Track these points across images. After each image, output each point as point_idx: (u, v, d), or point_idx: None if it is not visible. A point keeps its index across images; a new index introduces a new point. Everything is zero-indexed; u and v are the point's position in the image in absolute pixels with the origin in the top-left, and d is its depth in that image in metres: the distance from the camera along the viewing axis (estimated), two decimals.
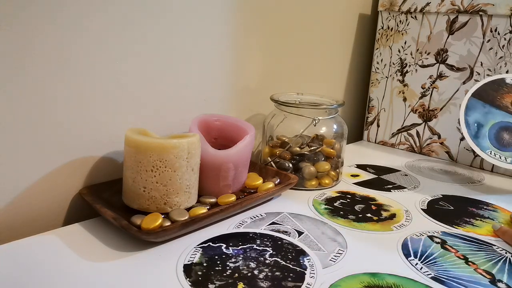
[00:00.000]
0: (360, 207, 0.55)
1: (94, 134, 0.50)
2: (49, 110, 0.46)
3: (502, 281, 0.40)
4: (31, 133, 0.45)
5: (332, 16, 0.81)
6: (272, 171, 0.59)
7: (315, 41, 0.79)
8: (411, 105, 0.84)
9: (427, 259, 0.43)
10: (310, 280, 0.38)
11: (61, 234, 0.44)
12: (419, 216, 0.53)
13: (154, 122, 0.56)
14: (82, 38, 0.46)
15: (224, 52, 0.63)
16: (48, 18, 0.43)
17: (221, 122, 0.57)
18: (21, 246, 0.41)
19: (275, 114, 0.64)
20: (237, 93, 0.67)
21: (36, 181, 0.46)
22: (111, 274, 0.38)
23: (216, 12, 0.60)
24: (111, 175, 0.53)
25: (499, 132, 0.55)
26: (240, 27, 0.64)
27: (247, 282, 0.37)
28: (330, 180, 0.62)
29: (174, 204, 0.46)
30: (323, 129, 0.63)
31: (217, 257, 0.41)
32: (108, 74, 0.50)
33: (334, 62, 0.86)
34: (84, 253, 0.40)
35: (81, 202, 0.50)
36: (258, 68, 0.70)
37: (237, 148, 0.51)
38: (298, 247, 0.44)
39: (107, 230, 0.45)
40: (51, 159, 0.47)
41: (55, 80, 0.45)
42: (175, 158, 0.45)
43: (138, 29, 0.51)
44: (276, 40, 0.71)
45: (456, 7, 0.74)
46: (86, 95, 0.48)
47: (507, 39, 0.70)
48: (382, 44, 0.86)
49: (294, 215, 0.51)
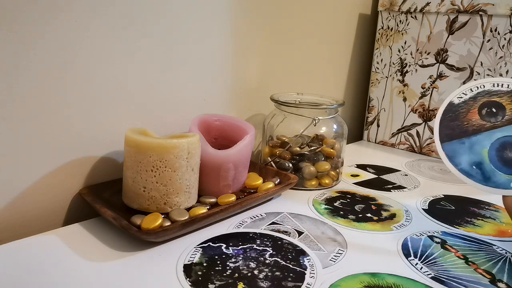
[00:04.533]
0: (360, 207, 0.55)
1: (94, 134, 0.50)
2: (49, 110, 0.46)
3: (502, 281, 0.40)
4: (31, 133, 0.45)
5: (332, 16, 0.81)
6: (272, 171, 0.59)
7: (315, 41, 0.79)
8: (411, 105, 0.84)
9: (427, 259, 0.43)
10: (310, 280, 0.38)
11: (61, 234, 0.44)
12: (419, 216, 0.53)
13: (154, 122, 0.56)
14: (82, 38, 0.46)
15: (224, 52, 0.63)
16: (48, 18, 0.43)
17: (221, 122, 0.57)
18: (21, 246, 0.41)
19: (275, 114, 0.64)
20: (237, 93, 0.67)
21: (36, 181, 0.46)
22: (111, 274, 0.38)
23: (216, 12, 0.60)
24: (111, 175, 0.53)
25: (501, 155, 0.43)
26: (240, 27, 0.64)
27: (247, 282, 0.37)
28: (330, 180, 0.62)
29: (174, 204, 0.46)
30: (323, 129, 0.63)
31: (217, 257, 0.41)
32: (108, 74, 0.50)
33: (334, 62, 0.86)
34: (84, 253, 0.40)
35: (81, 202, 0.50)
36: (258, 68, 0.70)
37: (237, 148, 0.51)
38: (298, 247, 0.44)
39: (107, 230, 0.45)
40: (51, 159, 0.47)
41: (55, 80, 0.45)
42: (175, 158, 0.45)
43: (138, 29, 0.51)
44: (276, 40, 0.71)
45: (456, 7, 0.74)
46: (86, 95, 0.48)
47: (507, 39, 0.70)
48: (382, 44, 0.86)
49: (294, 215, 0.51)
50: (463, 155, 0.44)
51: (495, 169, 0.43)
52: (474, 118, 0.45)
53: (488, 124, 0.44)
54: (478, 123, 0.45)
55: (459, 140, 0.45)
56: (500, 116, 0.44)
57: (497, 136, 0.43)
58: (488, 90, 0.45)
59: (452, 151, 0.45)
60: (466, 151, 0.44)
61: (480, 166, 0.43)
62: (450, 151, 0.45)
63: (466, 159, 0.44)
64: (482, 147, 0.44)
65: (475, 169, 0.43)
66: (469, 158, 0.44)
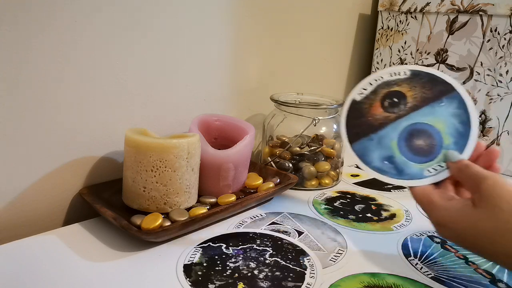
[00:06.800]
0: (360, 207, 0.55)
1: (94, 134, 0.50)
2: (49, 110, 0.46)
3: (502, 281, 0.40)
4: (31, 133, 0.45)
5: (332, 16, 0.81)
6: (272, 171, 0.59)
7: (315, 41, 0.79)
8: None
9: (427, 259, 0.43)
10: (310, 280, 0.38)
11: (61, 234, 0.44)
12: (419, 216, 0.53)
13: (154, 122, 0.56)
14: (82, 38, 0.46)
15: (224, 52, 0.63)
16: (48, 19, 0.43)
17: (221, 122, 0.57)
18: (21, 246, 0.41)
19: (275, 114, 0.64)
20: (237, 93, 0.67)
21: (36, 181, 0.46)
22: (111, 274, 0.38)
23: (217, 12, 0.60)
24: (111, 175, 0.53)
25: (410, 145, 0.42)
26: (240, 27, 0.64)
27: (247, 282, 0.37)
28: (330, 180, 0.62)
29: (174, 204, 0.46)
30: (323, 129, 0.63)
31: (217, 257, 0.41)
32: (108, 74, 0.50)
33: (334, 62, 0.86)
34: (84, 253, 0.40)
35: (81, 202, 0.50)
36: (258, 68, 0.70)
37: (237, 148, 0.51)
38: (298, 247, 0.44)
39: (107, 230, 0.45)
40: (51, 159, 0.47)
41: (55, 80, 0.45)
42: (175, 158, 0.45)
43: (138, 29, 0.51)
44: (276, 40, 0.71)
45: (456, 7, 0.74)
46: (86, 95, 0.48)
47: (507, 39, 0.70)
48: (382, 44, 0.86)
49: (294, 215, 0.51)
50: (373, 151, 0.43)
51: (407, 160, 0.42)
52: (378, 112, 0.44)
53: (393, 115, 0.43)
54: (382, 116, 0.43)
55: (367, 137, 0.43)
56: (402, 105, 0.43)
57: (403, 126, 0.42)
58: (387, 80, 0.44)
59: (362, 150, 0.43)
60: (375, 147, 0.43)
61: (391, 160, 0.42)
62: (359, 150, 0.43)
63: (377, 155, 0.43)
64: (390, 140, 0.42)
65: (387, 164, 0.42)
66: (380, 154, 0.42)
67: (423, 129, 0.42)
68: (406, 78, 0.44)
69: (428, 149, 0.42)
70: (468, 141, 0.41)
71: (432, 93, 0.43)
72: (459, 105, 0.42)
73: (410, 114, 0.43)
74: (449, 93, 0.42)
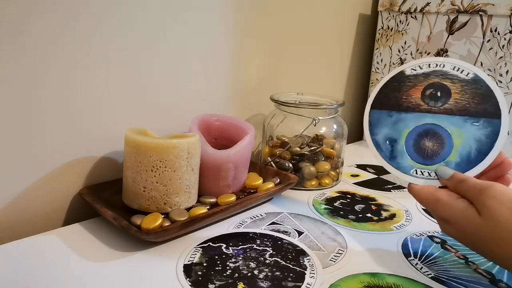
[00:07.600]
0: (360, 207, 0.55)
1: (94, 134, 0.50)
2: (49, 110, 0.46)
3: (502, 281, 0.40)
4: (31, 133, 0.45)
5: (332, 16, 0.81)
6: (272, 171, 0.59)
7: (315, 41, 0.79)
8: None
9: (427, 259, 0.43)
10: (310, 280, 0.38)
11: (61, 234, 0.44)
12: (419, 216, 0.53)
13: (154, 122, 0.56)
14: (81, 38, 0.46)
15: (224, 52, 0.63)
16: (48, 19, 0.43)
17: (221, 122, 0.58)
18: (21, 246, 0.41)
19: (275, 114, 0.64)
20: (237, 93, 0.67)
21: (36, 181, 0.46)
22: (111, 274, 0.38)
23: (216, 12, 0.60)
24: (111, 175, 0.53)
25: (418, 141, 0.41)
26: (240, 27, 0.64)
27: (247, 282, 0.37)
28: (330, 180, 0.62)
29: (174, 204, 0.46)
30: (323, 129, 0.63)
31: (217, 257, 0.41)
32: (108, 74, 0.50)
33: (334, 62, 0.86)
34: (84, 253, 0.40)
35: (81, 202, 0.50)
36: (258, 68, 0.70)
37: (237, 148, 0.51)
38: (298, 247, 0.44)
39: (107, 230, 0.45)
40: (51, 159, 0.47)
41: (55, 80, 0.45)
42: (175, 158, 0.45)
43: (138, 29, 0.51)
44: (276, 40, 0.71)
45: (456, 7, 0.74)
46: (86, 95, 0.48)
47: (507, 39, 0.70)
48: (382, 44, 0.86)
49: (294, 215, 0.51)
50: (384, 127, 0.43)
51: (405, 152, 0.42)
52: (415, 96, 0.43)
53: (425, 106, 0.42)
54: (416, 102, 0.43)
55: (389, 112, 0.43)
56: (440, 102, 0.42)
57: (425, 121, 0.42)
58: (445, 71, 0.42)
59: (376, 120, 0.43)
60: (389, 125, 0.43)
61: (393, 143, 0.42)
62: (375, 119, 0.44)
63: (385, 132, 0.43)
64: (405, 126, 0.42)
65: (387, 144, 0.42)
66: (388, 133, 0.43)
67: (440, 135, 0.41)
68: (464, 79, 0.41)
69: (431, 154, 0.41)
70: (472, 169, 0.39)
71: (475, 108, 0.40)
72: (490, 135, 0.40)
73: (440, 114, 0.42)
74: (491, 117, 0.40)
